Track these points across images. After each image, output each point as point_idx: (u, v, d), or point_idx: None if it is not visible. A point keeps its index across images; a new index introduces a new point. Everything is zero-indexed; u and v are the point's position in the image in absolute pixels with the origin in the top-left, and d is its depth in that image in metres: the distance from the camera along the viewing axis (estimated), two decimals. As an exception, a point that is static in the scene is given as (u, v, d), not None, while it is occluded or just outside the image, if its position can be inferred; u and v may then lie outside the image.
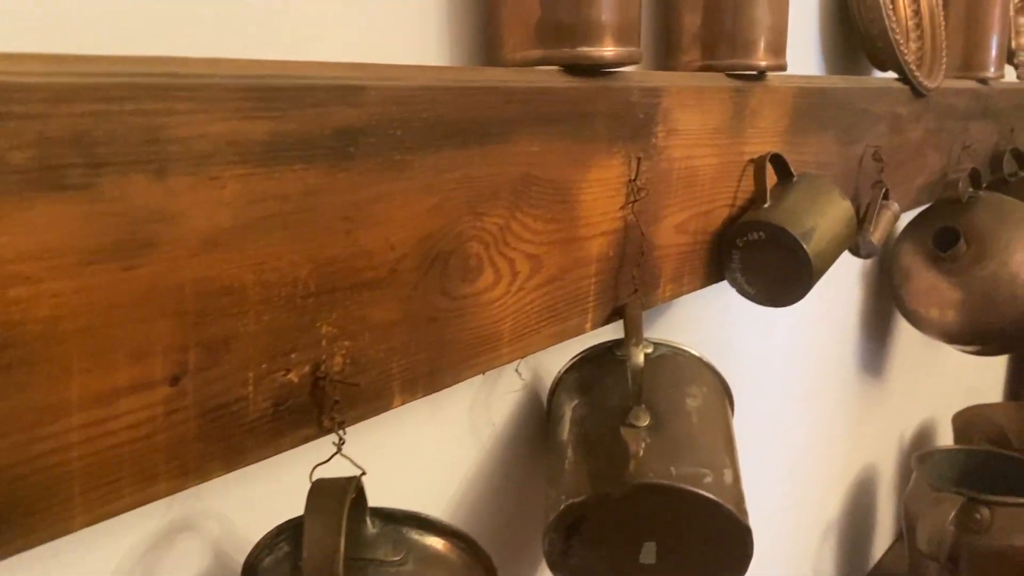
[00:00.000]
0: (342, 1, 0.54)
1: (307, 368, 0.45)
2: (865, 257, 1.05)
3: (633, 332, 0.64)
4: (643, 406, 0.64)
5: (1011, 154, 1.55)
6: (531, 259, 0.58)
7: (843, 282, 1.35)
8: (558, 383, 0.73)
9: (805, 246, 0.76)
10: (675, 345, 0.72)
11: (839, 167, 1.00)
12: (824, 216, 0.79)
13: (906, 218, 1.36)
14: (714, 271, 0.81)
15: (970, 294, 1.25)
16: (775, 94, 0.84)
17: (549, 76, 0.58)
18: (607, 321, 0.68)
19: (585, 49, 0.60)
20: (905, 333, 1.52)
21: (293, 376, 0.44)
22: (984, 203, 1.29)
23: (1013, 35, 1.66)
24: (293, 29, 0.51)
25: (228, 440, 0.42)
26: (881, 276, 1.43)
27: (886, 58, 1.12)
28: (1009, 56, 1.65)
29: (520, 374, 0.70)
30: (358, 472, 0.46)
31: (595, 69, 0.62)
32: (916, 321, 1.33)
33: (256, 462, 0.44)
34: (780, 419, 1.24)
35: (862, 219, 1.05)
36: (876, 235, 1.04)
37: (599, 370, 0.70)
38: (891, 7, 1.09)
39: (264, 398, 0.43)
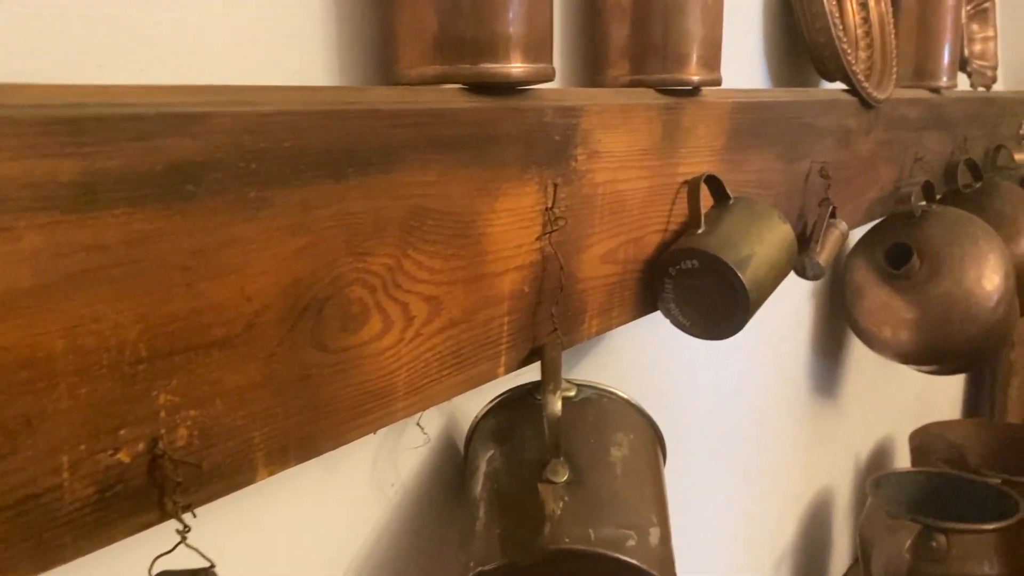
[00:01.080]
0: (205, 13, 0.47)
1: (141, 445, 0.38)
2: (812, 279, 1.00)
3: (550, 377, 0.58)
4: (561, 459, 0.58)
5: (965, 165, 1.51)
6: (429, 301, 0.52)
7: (793, 300, 1.30)
8: (474, 430, 0.67)
9: (740, 275, 0.70)
10: (601, 387, 0.66)
11: (783, 185, 0.95)
12: (762, 242, 0.74)
13: (858, 233, 1.32)
14: (647, 302, 0.75)
15: (924, 313, 1.21)
16: (710, 110, 0.78)
17: (447, 96, 0.52)
18: (524, 363, 0.62)
19: (489, 66, 0.54)
20: (860, 351, 1.48)
21: (123, 456, 0.38)
22: (938, 217, 1.25)
23: (966, 43, 1.63)
24: (142, 47, 0.45)
25: (37, 538, 0.35)
26: (833, 293, 1.39)
27: (834, 69, 1.08)
28: (962, 64, 1.62)
29: (423, 428, 0.64)
30: (206, 564, 0.39)
31: (501, 88, 0.56)
32: (869, 341, 1.29)
33: (79, 557, 0.37)
34: (729, 446, 1.19)
35: (808, 238, 1.00)
36: (823, 256, 0.99)
37: (517, 416, 0.64)
38: (838, 15, 1.04)
39: (85, 484, 0.37)
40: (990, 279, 1.20)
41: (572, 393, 0.65)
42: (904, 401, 1.75)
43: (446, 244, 0.52)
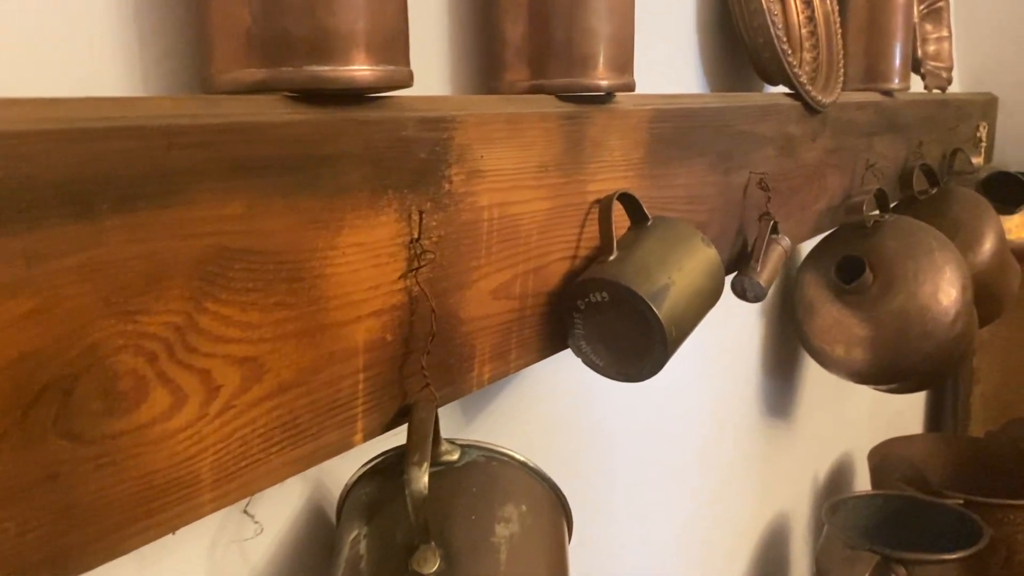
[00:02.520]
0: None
1: None
2: (753, 301, 0.90)
3: (416, 445, 0.47)
4: (432, 544, 0.47)
5: (921, 170, 1.42)
6: (244, 364, 0.41)
7: (742, 318, 1.20)
8: (346, 498, 0.56)
9: (656, 309, 0.60)
10: (490, 448, 0.55)
11: (718, 200, 0.84)
12: (682, 269, 0.63)
13: (810, 244, 1.22)
14: (555, 339, 0.64)
15: (878, 330, 1.11)
16: (625, 119, 0.67)
17: (258, 107, 0.41)
18: (392, 425, 0.51)
19: (321, 69, 0.43)
20: (814, 367, 1.38)
21: None
22: (891, 228, 1.15)
23: (919, 43, 1.54)
24: None
25: None
26: (785, 309, 1.28)
27: (775, 71, 0.98)
28: (915, 65, 1.53)
29: (253, 518, 0.52)
30: None
31: (340, 96, 0.45)
32: (822, 360, 1.18)
33: None
34: (676, 474, 1.08)
35: (748, 256, 0.90)
36: (764, 275, 0.89)
37: (390, 487, 0.53)
38: (778, 13, 0.94)
39: None
40: (947, 293, 1.11)
41: (455, 457, 0.53)
42: (863, 416, 1.65)
43: (266, 291, 0.41)
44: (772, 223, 0.90)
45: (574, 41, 0.61)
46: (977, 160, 1.67)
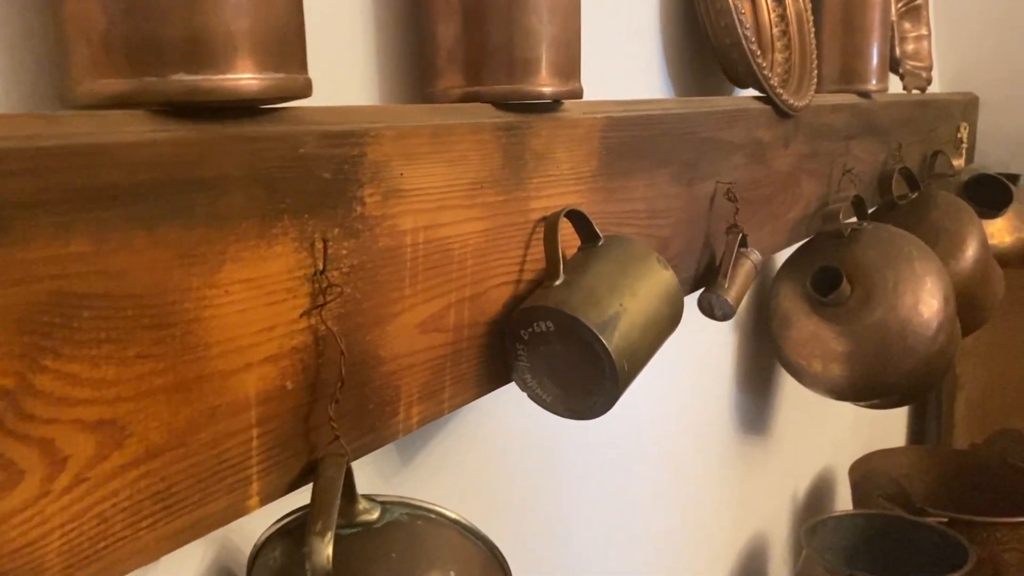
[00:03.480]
0: None
1: None
2: (721, 319, 0.84)
3: (320, 512, 0.41)
4: (339, 624, 0.41)
5: (901, 174, 1.37)
6: (99, 429, 0.34)
7: (714, 331, 1.14)
8: (255, 560, 0.49)
9: (605, 340, 0.53)
10: (415, 505, 0.49)
11: (682, 212, 0.78)
12: (635, 294, 0.57)
13: (785, 253, 1.16)
14: (497, 372, 0.58)
15: (857, 345, 1.05)
16: (573, 129, 0.61)
17: (109, 125, 0.34)
18: (298, 484, 0.45)
19: (196, 78, 0.37)
20: (791, 380, 1.33)
21: None
22: (869, 236, 1.10)
23: (897, 42, 1.49)
24: None
25: None
26: (759, 321, 1.23)
27: (744, 73, 0.92)
28: (893, 65, 1.48)
29: None
30: None
31: (220, 109, 0.38)
32: (798, 375, 1.13)
33: None
34: (647, 496, 1.02)
35: (716, 272, 0.84)
36: (733, 292, 0.83)
37: (298, 553, 0.46)
38: (746, 12, 0.88)
39: None
40: (928, 305, 1.05)
41: (374, 516, 0.47)
42: (844, 427, 1.60)
43: (124, 342, 0.35)
44: (740, 236, 0.84)
45: (512, 44, 0.55)
46: (958, 162, 1.62)
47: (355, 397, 0.46)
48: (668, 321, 0.60)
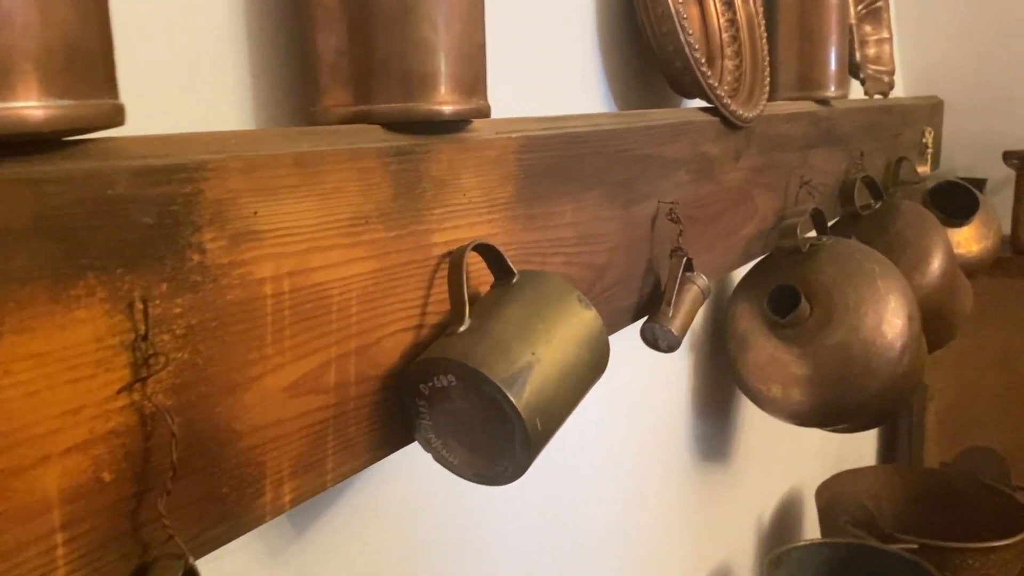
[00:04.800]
0: None
1: None
2: (667, 351, 0.77)
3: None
4: None
5: (863, 183, 1.30)
6: None
7: (668, 355, 1.07)
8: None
9: (512, 397, 0.46)
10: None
11: (619, 237, 0.71)
12: (551, 341, 0.50)
13: (742, 270, 1.10)
14: (397, 432, 0.50)
15: (817, 368, 0.99)
16: (483, 151, 0.54)
17: None
18: (126, 590, 0.37)
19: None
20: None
21: None
22: (829, 253, 1.03)
23: (857, 46, 1.43)
24: None
25: None
26: (716, 341, 1.16)
27: (689, 83, 0.85)
28: (854, 70, 1.42)
29: None
30: None
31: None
32: (757, 400, 1.06)
33: None
34: (598, 536, 0.95)
35: (660, 300, 0.77)
36: (677, 321, 0.76)
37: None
38: (688, 17, 0.81)
39: None
40: (891, 324, 0.98)
41: (227, 620, 0.39)
42: (811, 447, 1.53)
43: None
44: (685, 260, 0.77)
45: (404, 57, 0.48)
46: (923, 169, 1.56)
47: (202, 482, 0.39)
48: (590, 369, 0.52)
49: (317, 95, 0.49)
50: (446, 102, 0.49)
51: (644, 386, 1.02)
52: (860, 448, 1.80)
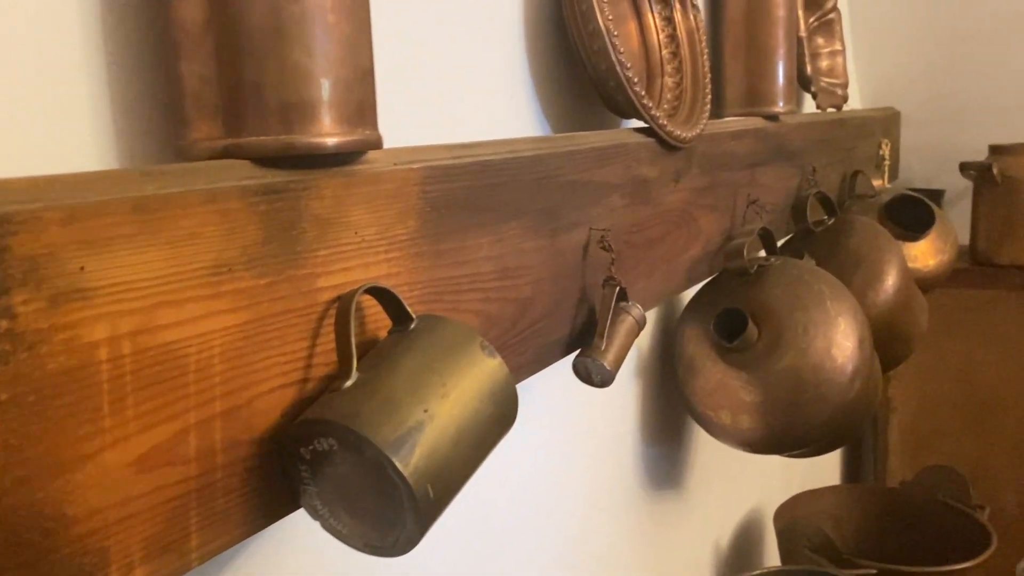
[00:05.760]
0: None
1: None
2: (600, 385, 0.72)
3: None
4: None
5: (816, 199, 1.26)
6: None
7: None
8: None
9: (399, 462, 0.41)
10: None
11: (544, 268, 0.66)
12: (447, 396, 0.45)
13: (691, 291, 1.05)
14: (278, 499, 0.45)
15: (767, 394, 0.94)
16: (378, 185, 0.49)
17: None
18: None
19: None
20: (708, 425, 1.21)
21: None
22: (777, 274, 0.99)
23: (809, 58, 1.39)
24: None
25: None
26: (666, 365, 1.11)
27: (624, 103, 0.80)
28: (805, 83, 1.38)
29: None
30: None
31: None
32: (707, 426, 1.01)
33: None
34: (544, 572, 0.89)
35: (593, 332, 0.72)
36: (611, 355, 0.71)
37: None
38: (618, 34, 0.77)
39: None
40: (841, 348, 0.94)
41: None
42: (773, 467, 1.49)
43: None
44: (618, 289, 0.72)
45: (277, 84, 0.43)
46: (878, 183, 1.53)
47: (20, 579, 0.33)
48: (494, 423, 0.47)
49: (184, 128, 0.44)
50: (329, 133, 0.44)
51: (589, 415, 0.97)
52: (824, 466, 1.76)
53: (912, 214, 1.42)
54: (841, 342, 0.94)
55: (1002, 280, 1.77)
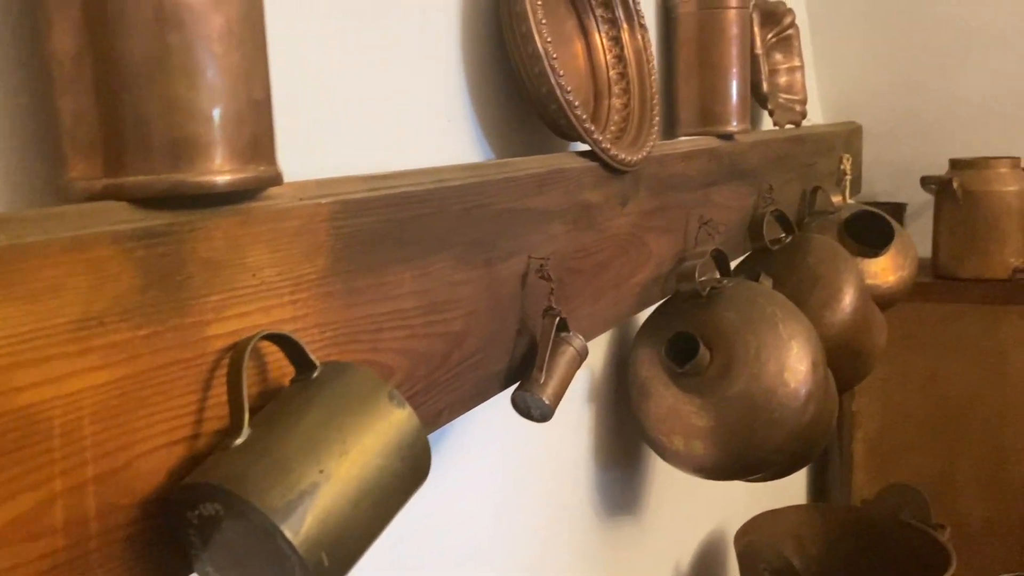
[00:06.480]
0: None
1: None
2: (540, 420, 0.69)
3: None
4: None
5: (773, 217, 1.24)
6: None
7: (564, 402, 0.99)
8: None
9: (287, 530, 0.37)
10: None
11: (478, 300, 0.63)
12: (346, 453, 0.41)
13: (644, 314, 1.02)
14: (173, 562, 0.41)
15: (719, 419, 0.91)
16: (279, 223, 0.45)
17: None
18: None
19: None
20: (666, 447, 1.18)
21: None
22: (730, 296, 0.96)
23: (766, 75, 1.37)
24: None
25: None
26: (620, 389, 1.08)
27: (566, 127, 0.77)
28: (763, 100, 1.35)
29: None
30: None
31: None
32: (661, 452, 0.98)
33: None
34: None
35: (533, 364, 0.69)
36: (550, 388, 0.68)
37: None
38: (556, 56, 0.73)
39: None
40: (794, 372, 0.91)
41: None
42: (733, 486, 1.45)
43: None
44: (558, 320, 0.69)
45: (159, 119, 0.39)
46: (837, 199, 1.50)
47: None
48: (402, 479, 0.43)
49: (62, 167, 0.40)
50: (219, 171, 0.41)
51: (541, 442, 0.94)
52: (790, 483, 1.73)
53: (872, 229, 1.40)
54: (794, 366, 0.92)
55: (964, 294, 1.75)
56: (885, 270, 1.40)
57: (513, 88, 0.79)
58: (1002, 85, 1.89)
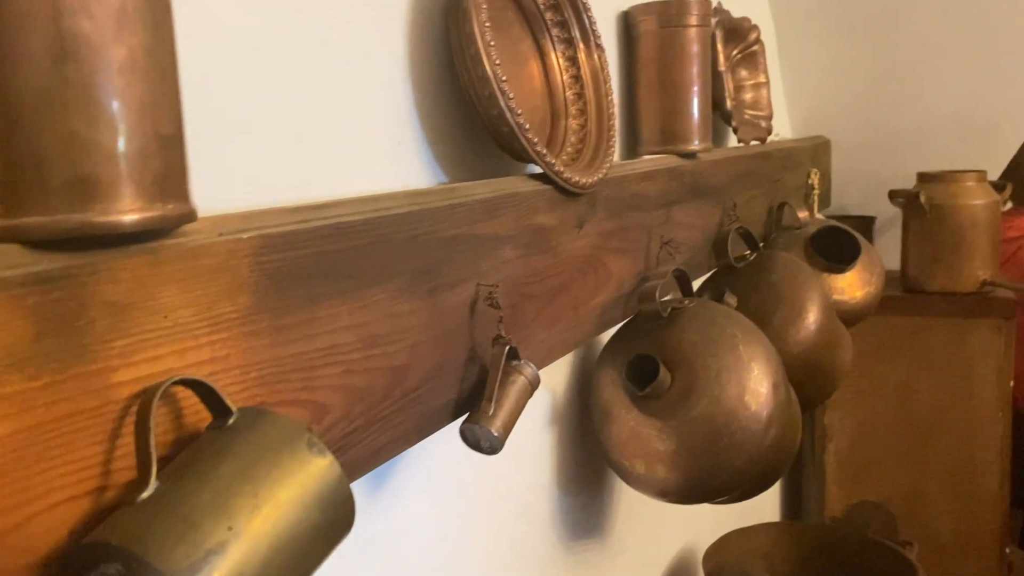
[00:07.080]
0: None
1: None
2: (489, 452, 0.66)
3: None
4: None
5: (738, 234, 1.22)
6: None
7: (527, 428, 0.96)
8: None
9: (189, 597, 0.35)
10: None
11: (423, 331, 0.60)
12: (258, 508, 0.38)
13: (607, 335, 1.00)
14: (74, 623, 0.38)
15: (681, 443, 0.89)
16: (194, 261, 0.43)
17: None
18: None
19: None
20: (632, 468, 1.15)
21: None
22: (691, 317, 0.94)
23: (731, 92, 1.35)
24: None
25: None
26: (582, 412, 1.05)
27: (520, 149, 0.75)
28: (727, 117, 1.34)
29: None
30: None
31: None
32: (623, 475, 0.96)
33: None
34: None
35: (482, 395, 0.66)
36: (500, 419, 0.65)
37: None
38: (505, 79, 0.71)
39: None
40: (755, 394, 0.89)
41: None
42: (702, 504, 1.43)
43: None
44: (508, 348, 0.66)
45: (59, 157, 0.37)
46: (804, 215, 1.49)
47: None
48: (321, 532, 0.41)
49: (-45, 206, 0.38)
50: (125, 210, 0.38)
51: (502, 469, 0.91)
52: (762, 498, 1.71)
53: (840, 244, 1.38)
54: (755, 388, 0.89)
55: (932, 307, 1.74)
56: (852, 285, 1.39)
57: (466, 111, 0.77)
58: (969, 99, 1.89)
